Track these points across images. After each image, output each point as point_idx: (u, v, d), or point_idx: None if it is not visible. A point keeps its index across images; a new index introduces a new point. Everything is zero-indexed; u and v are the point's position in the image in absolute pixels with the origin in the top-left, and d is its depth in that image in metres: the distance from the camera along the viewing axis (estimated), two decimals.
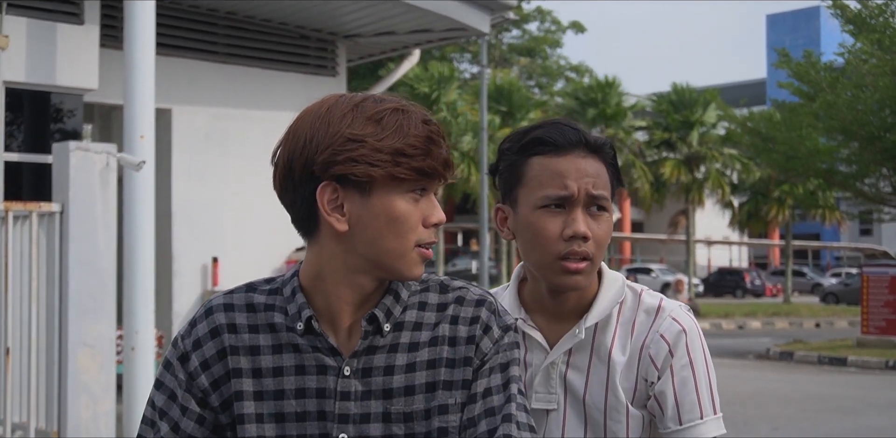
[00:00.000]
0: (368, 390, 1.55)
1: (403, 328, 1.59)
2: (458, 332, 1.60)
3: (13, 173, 8.41)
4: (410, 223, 1.53)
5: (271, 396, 1.57)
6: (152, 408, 1.63)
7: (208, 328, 1.62)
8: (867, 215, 27.88)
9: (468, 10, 10.90)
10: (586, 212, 1.86)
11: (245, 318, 1.62)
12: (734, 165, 34.86)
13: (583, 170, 1.86)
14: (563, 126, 1.90)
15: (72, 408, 5.57)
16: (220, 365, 1.60)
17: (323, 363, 1.56)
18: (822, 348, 18.18)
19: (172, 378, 1.62)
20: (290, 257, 11.02)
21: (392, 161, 1.49)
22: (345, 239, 1.54)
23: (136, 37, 7.23)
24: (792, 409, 11.28)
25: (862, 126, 17.92)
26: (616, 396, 1.87)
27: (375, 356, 1.57)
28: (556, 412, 1.90)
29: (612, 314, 1.92)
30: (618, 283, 1.96)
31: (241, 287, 1.66)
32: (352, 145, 1.50)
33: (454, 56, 42.50)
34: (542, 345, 1.92)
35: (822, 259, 60.49)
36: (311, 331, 1.57)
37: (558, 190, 1.85)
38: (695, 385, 1.86)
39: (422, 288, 1.64)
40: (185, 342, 1.63)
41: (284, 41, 11.26)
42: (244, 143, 10.90)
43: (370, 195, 1.51)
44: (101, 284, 5.76)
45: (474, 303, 1.63)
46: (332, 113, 1.54)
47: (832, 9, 18.61)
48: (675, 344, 1.87)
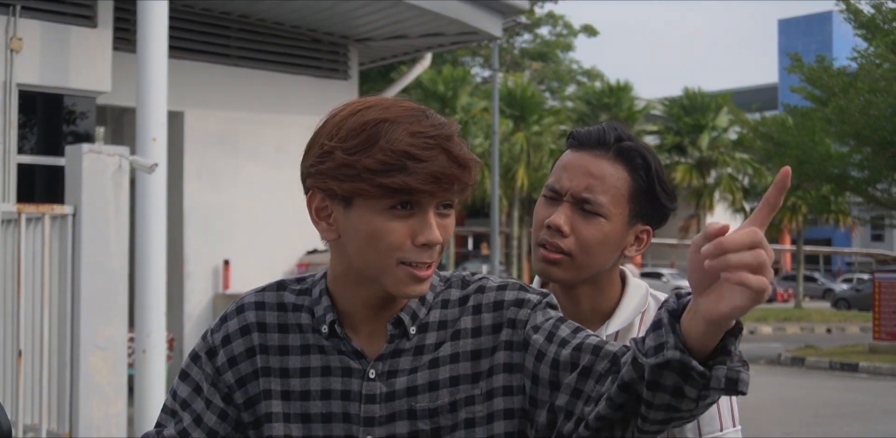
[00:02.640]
0: (392, 391, 1.54)
1: (428, 329, 1.57)
2: (481, 321, 1.56)
3: (26, 175, 8.44)
4: (390, 240, 1.46)
5: (297, 396, 1.57)
6: (174, 399, 1.63)
7: (239, 325, 1.61)
8: (879, 220, 27.78)
9: (480, 14, 10.91)
10: (576, 210, 1.85)
11: (276, 317, 1.61)
12: (746, 169, 34.80)
13: (584, 168, 1.85)
14: (602, 127, 1.90)
15: (83, 410, 5.58)
16: (247, 363, 1.60)
17: (348, 365, 1.56)
18: (833, 353, 18.12)
19: (199, 371, 1.62)
20: (302, 259, 11.03)
21: (357, 176, 1.43)
22: (341, 247, 1.54)
23: (149, 40, 7.25)
24: (804, 415, 11.24)
25: (875, 131, 17.85)
26: None
27: (401, 358, 1.56)
28: None
29: (634, 322, 1.92)
30: (641, 291, 1.95)
31: (273, 285, 1.66)
32: (323, 159, 1.47)
33: (466, 60, 42.51)
34: None
35: (834, 265, 60.26)
36: (334, 334, 1.57)
37: (554, 182, 1.88)
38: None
39: (444, 286, 1.62)
40: (215, 337, 1.62)
41: (297, 44, 11.27)
42: (256, 146, 10.92)
43: (351, 208, 1.47)
44: (113, 286, 5.77)
45: (495, 288, 1.59)
46: (330, 121, 1.51)
47: (845, 13, 18.56)
48: None
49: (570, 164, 1.87)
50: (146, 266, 6.96)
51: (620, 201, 1.85)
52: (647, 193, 1.88)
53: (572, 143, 1.91)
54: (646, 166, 1.87)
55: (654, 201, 1.89)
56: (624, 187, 1.85)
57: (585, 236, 1.84)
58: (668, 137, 35.19)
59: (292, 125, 10.88)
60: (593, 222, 1.84)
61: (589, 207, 1.84)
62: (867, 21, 18.19)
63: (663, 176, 1.90)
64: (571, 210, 1.85)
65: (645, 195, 1.88)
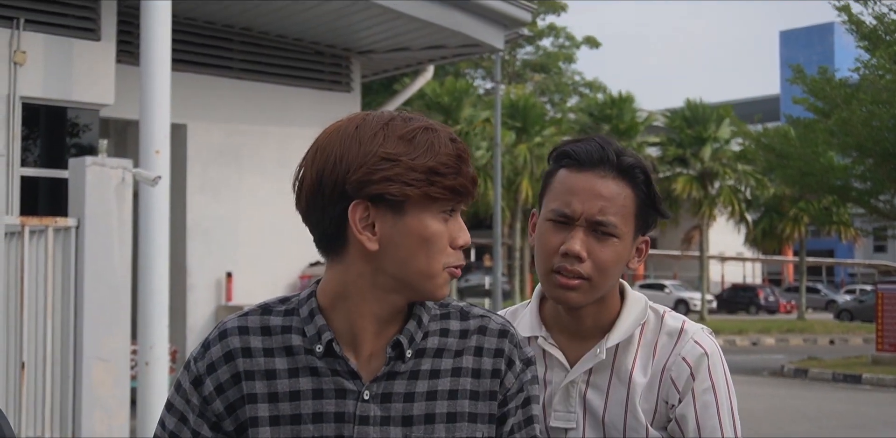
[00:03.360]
0: (387, 416, 1.54)
1: (425, 355, 1.58)
2: (482, 364, 1.59)
3: (29, 188, 8.45)
4: (441, 244, 1.52)
5: (288, 421, 1.55)
6: (163, 429, 1.62)
7: (222, 351, 1.59)
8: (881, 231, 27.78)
9: (482, 26, 10.93)
10: (590, 233, 1.84)
11: (260, 341, 1.58)
12: (748, 181, 34.80)
13: (595, 191, 1.84)
14: (595, 142, 1.88)
15: (86, 422, 5.58)
16: (234, 389, 1.57)
17: (342, 386, 1.54)
18: (836, 365, 18.09)
19: (183, 402, 1.60)
20: (304, 272, 11.03)
21: (426, 180, 1.48)
22: (374, 258, 1.52)
23: (153, 53, 7.28)
24: (807, 426, 11.22)
25: (877, 142, 17.85)
26: (636, 417, 1.87)
27: (396, 381, 1.55)
28: (575, 431, 1.89)
29: (633, 335, 1.92)
30: (640, 304, 1.95)
31: (256, 309, 1.63)
32: (386, 164, 1.48)
33: (468, 72, 42.59)
34: (563, 363, 1.92)
35: (837, 276, 60.21)
36: (330, 354, 1.55)
37: (563, 207, 1.85)
38: (716, 409, 1.85)
39: (442, 313, 1.63)
40: (199, 365, 1.60)
41: (299, 57, 11.30)
42: (259, 158, 10.94)
43: (404, 215, 1.49)
44: (116, 298, 5.78)
45: (497, 333, 1.62)
46: (362, 132, 1.51)
47: (847, 24, 18.58)
48: (697, 368, 1.87)
49: (577, 187, 1.85)
50: (149, 278, 6.97)
51: (629, 218, 1.86)
52: (649, 205, 1.89)
53: (570, 163, 1.88)
54: (646, 180, 1.88)
55: (655, 212, 1.91)
56: (630, 204, 1.86)
57: (602, 258, 1.84)
58: (671, 148, 35.20)
59: (295, 138, 10.89)
60: (608, 244, 1.84)
61: (603, 229, 1.84)
62: (869, 32, 18.21)
63: (655, 185, 1.92)
64: (585, 234, 1.84)
65: (647, 208, 1.89)
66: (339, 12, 10.04)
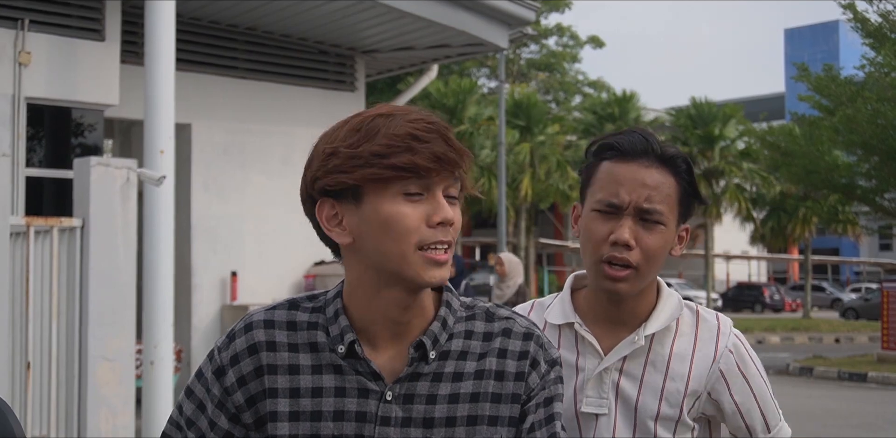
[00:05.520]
0: (409, 417, 1.54)
1: (448, 358, 1.58)
2: (506, 367, 1.59)
3: (34, 188, 8.46)
4: (406, 225, 1.48)
5: (308, 417, 1.55)
6: (179, 413, 1.62)
7: (246, 344, 1.59)
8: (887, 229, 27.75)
9: (487, 25, 10.93)
10: (638, 222, 1.89)
11: (285, 336, 1.59)
12: (753, 179, 34.77)
13: (640, 180, 1.89)
14: (637, 134, 1.93)
15: (91, 421, 5.59)
16: (256, 383, 1.58)
17: (365, 386, 1.55)
18: (842, 363, 18.06)
19: (204, 390, 1.61)
20: (309, 271, 11.04)
21: (366, 164, 1.47)
22: (357, 252, 1.54)
23: (157, 53, 7.29)
24: (812, 425, 11.21)
25: (882, 140, 17.82)
26: (670, 404, 1.91)
27: (419, 383, 1.55)
28: (607, 417, 1.92)
29: (671, 326, 1.97)
30: (675, 298, 2.03)
31: (284, 303, 1.64)
32: (329, 158, 1.50)
33: (472, 71, 42.57)
34: (597, 350, 1.95)
35: (842, 274, 60.15)
36: (352, 355, 1.55)
37: (611, 197, 1.90)
38: (769, 393, 1.99)
39: (468, 315, 1.63)
40: (223, 356, 1.61)
41: (303, 57, 11.30)
42: (264, 158, 10.94)
43: (361, 203, 1.50)
44: (121, 298, 5.79)
45: (522, 336, 1.62)
46: (328, 132, 1.55)
47: (852, 22, 18.55)
48: (740, 355, 1.97)
49: (623, 177, 1.90)
50: (154, 278, 6.98)
51: (673, 206, 1.92)
52: (691, 194, 1.95)
53: (614, 154, 1.93)
54: (688, 169, 1.94)
55: (695, 200, 1.97)
56: (674, 192, 1.92)
57: (650, 245, 1.89)
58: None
59: (299, 137, 10.89)
60: (655, 231, 1.90)
61: (650, 217, 1.89)
62: (874, 30, 18.18)
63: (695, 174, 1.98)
64: (633, 222, 1.89)
65: (689, 196, 1.95)
66: (343, 12, 10.05)
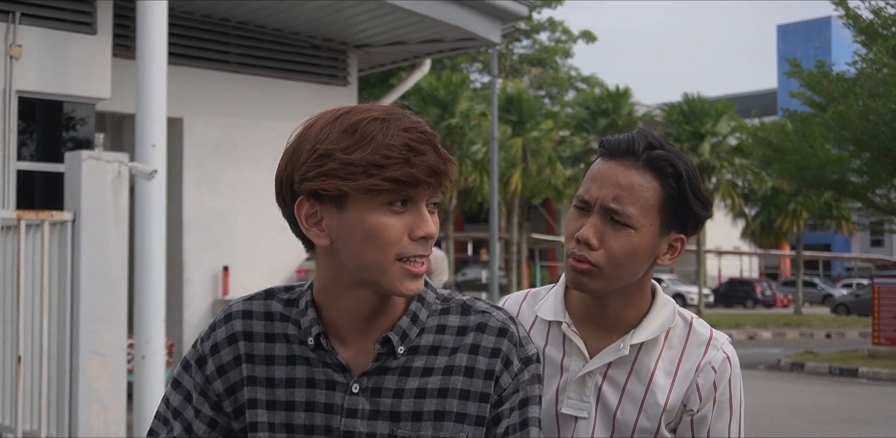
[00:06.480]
0: (376, 410, 1.54)
1: (418, 352, 1.57)
2: (476, 363, 1.56)
3: (26, 182, 8.44)
4: (388, 236, 1.47)
5: (283, 406, 1.57)
6: (166, 406, 1.64)
7: (226, 333, 1.62)
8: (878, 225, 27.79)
9: (479, 20, 10.92)
10: (606, 222, 1.83)
11: (262, 326, 1.61)
12: (745, 174, 34.79)
13: (613, 179, 1.82)
14: (630, 134, 1.88)
15: (82, 416, 5.58)
16: (235, 371, 1.60)
17: (332, 378, 1.55)
18: (833, 359, 18.11)
19: (190, 380, 1.62)
20: (301, 266, 11.03)
21: (364, 173, 1.45)
22: (333, 253, 1.53)
23: (149, 46, 7.26)
24: (803, 420, 11.24)
25: (874, 136, 17.86)
26: (648, 417, 1.87)
27: (386, 377, 1.55)
28: (587, 420, 1.89)
29: (659, 337, 1.91)
30: (669, 308, 1.95)
31: (261, 293, 1.66)
32: (323, 161, 1.48)
33: (465, 66, 42.53)
34: (582, 352, 1.91)
35: (833, 270, 60.27)
36: (320, 347, 1.56)
37: (583, 193, 1.86)
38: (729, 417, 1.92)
39: (442, 308, 1.61)
40: (204, 346, 1.63)
41: (296, 51, 11.29)
42: (255, 152, 10.92)
43: (345, 209, 1.48)
44: (113, 292, 5.77)
45: (497, 331, 1.59)
46: (314, 128, 1.53)
47: (844, 19, 18.57)
48: (722, 376, 1.91)
49: (599, 174, 1.85)
50: (146, 272, 6.96)
51: (650, 211, 1.82)
52: (679, 201, 1.84)
53: (602, 151, 1.89)
54: (676, 174, 1.83)
55: (687, 210, 1.86)
56: (654, 196, 1.82)
57: (615, 247, 1.81)
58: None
59: (291, 132, 10.86)
60: (622, 234, 1.81)
61: (618, 218, 1.81)
62: (866, 26, 18.22)
63: (697, 183, 1.86)
64: (601, 221, 1.83)
65: (677, 204, 1.84)
66: (335, 6, 10.03)
